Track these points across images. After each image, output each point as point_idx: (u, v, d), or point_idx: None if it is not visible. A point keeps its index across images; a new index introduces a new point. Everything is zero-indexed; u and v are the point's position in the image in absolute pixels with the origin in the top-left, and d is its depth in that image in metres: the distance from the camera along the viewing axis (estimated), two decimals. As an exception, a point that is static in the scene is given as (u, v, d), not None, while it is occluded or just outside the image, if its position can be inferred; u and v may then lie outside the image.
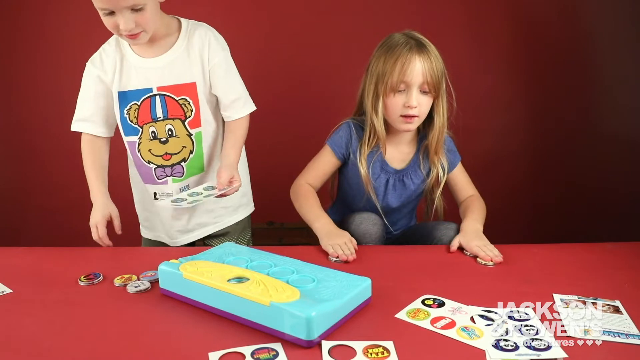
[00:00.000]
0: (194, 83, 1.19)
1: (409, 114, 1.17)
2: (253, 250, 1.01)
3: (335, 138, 1.29)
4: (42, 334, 0.78)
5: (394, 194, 1.29)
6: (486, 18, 1.96)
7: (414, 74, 1.14)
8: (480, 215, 1.22)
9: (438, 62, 1.17)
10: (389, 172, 1.28)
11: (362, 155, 1.25)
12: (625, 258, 1.07)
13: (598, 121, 2.02)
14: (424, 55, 1.15)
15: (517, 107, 2.06)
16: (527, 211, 2.09)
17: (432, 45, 1.19)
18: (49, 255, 1.13)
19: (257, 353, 0.71)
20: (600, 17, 1.95)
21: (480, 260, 1.05)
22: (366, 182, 1.25)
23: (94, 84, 1.21)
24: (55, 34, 1.98)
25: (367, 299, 0.85)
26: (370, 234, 1.18)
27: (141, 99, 1.19)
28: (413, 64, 1.14)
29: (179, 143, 1.23)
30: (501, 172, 2.06)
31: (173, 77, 1.19)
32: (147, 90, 1.19)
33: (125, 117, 1.21)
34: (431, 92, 1.17)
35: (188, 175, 1.27)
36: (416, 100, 1.16)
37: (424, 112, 1.20)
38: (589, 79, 1.99)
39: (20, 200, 2.13)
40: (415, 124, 1.20)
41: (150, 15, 1.09)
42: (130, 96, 1.20)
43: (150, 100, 1.19)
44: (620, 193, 1.98)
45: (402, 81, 1.15)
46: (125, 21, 1.05)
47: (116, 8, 1.04)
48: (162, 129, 1.22)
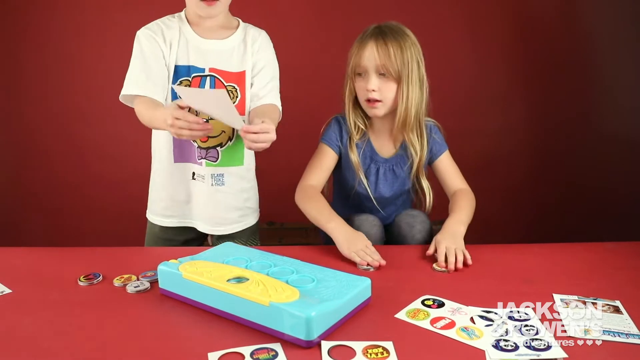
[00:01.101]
0: (244, 72, 1.25)
1: (370, 98, 1.22)
2: (252, 250, 1.01)
3: (327, 133, 1.33)
4: (42, 334, 0.78)
5: (385, 183, 1.32)
6: (486, 18, 1.97)
7: (369, 58, 1.20)
8: (466, 215, 1.22)
9: (399, 47, 1.20)
10: (379, 161, 1.32)
11: (352, 144, 1.29)
12: (625, 258, 1.07)
13: (598, 121, 2.02)
14: (381, 40, 1.21)
15: (517, 107, 2.06)
16: (527, 211, 2.09)
17: (401, 34, 1.22)
18: (49, 255, 1.13)
19: (257, 353, 0.71)
20: (600, 17, 1.96)
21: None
22: (357, 168, 1.29)
23: (149, 49, 1.20)
24: (60, 33, 1.98)
25: (366, 299, 0.85)
26: (370, 235, 1.18)
27: (192, 76, 1.22)
28: (369, 48, 1.21)
29: (219, 126, 1.23)
30: (501, 172, 2.07)
31: (226, 63, 1.23)
32: (200, 70, 1.22)
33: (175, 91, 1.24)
34: (390, 76, 1.21)
35: (223, 162, 1.26)
36: (374, 84, 1.21)
37: (388, 97, 1.23)
38: (588, 79, 1.99)
39: (20, 200, 2.14)
40: (380, 109, 1.24)
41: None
42: (183, 71, 1.22)
43: (201, 80, 1.22)
44: (620, 193, 1.98)
45: (359, 64, 1.22)
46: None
47: None
48: None
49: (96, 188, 2.08)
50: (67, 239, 2.05)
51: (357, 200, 1.34)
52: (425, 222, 1.24)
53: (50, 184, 2.09)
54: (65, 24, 1.97)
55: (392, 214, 1.37)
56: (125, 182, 2.02)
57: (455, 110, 1.86)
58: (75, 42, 1.98)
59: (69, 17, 1.96)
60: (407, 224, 1.24)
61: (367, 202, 1.32)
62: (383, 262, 1.03)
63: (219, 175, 1.27)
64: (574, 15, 1.97)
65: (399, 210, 1.38)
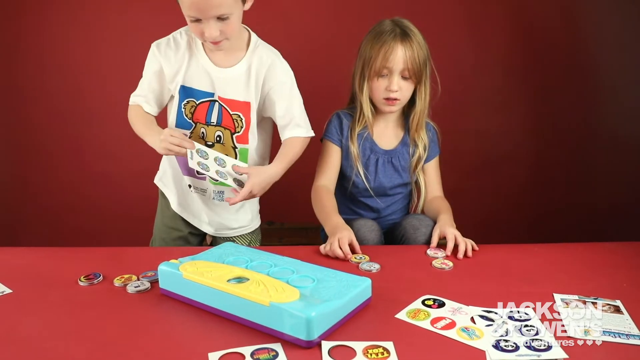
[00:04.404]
0: (249, 103, 1.22)
1: (390, 97, 1.26)
2: (253, 250, 1.01)
3: (329, 129, 1.37)
4: (42, 334, 0.78)
5: (384, 174, 1.35)
6: (486, 18, 1.96)
7: (396, 61, 1.23)
8: (451, 217, 1.27)
9: (421, 50, 1.25)
10: (378, 152, 1.35)
11: (353, 134, 1.33)
12: (625, 258, 1.07)
13: (599, 121, 2.02)
14: (407, 43, 1.23)
15: (518, 107, 2.05)
16: (527, 211, 2.09)
17: (417, 34, 1.26)
18: (49, 255, 1.13)
19: (257, 353, 0.71)
20: (601, 17, 1.95)
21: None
22: (355, 158, 1.32)
23: (152, 67, 1.22)
24: (58, 33, 1.97)
25: (367, 299, 0.84)
26: (368, 240, 1.20)
27: (200, 100, 1.22)
28: (395, 51, 1.23)
29: (223, 151, 1.24)
30: (501, 173, 2.06)
31: (232, 91, 1.21)
32: (210, 95, 1.22)
33: (182, 111, 1.23)
34: (412, 78, 1.26)
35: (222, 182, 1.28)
36: (397, 85, 1.25)
37: (406, 96, 1.29)
38: (589, 79, 1.98)
39: (20, 200, 2.13)
40: (397, 107, 1.30)
41: (235, 25, 1.11)
42: (191, 93, 1.22)
43: (209, 105, 1.22)
44: (621, 193, 1.98)
45: (385, 67, 1.24)
46: (211, 30, 1.07)
47: (204, 17, 1.06)
48: (211, 133, 1.24)
49: (96, 188, 2.08)
50: (67, 239, 2.05)
51: (355, 192, 1.37)
52: (431, 226, 1.24)
53: (50, 184, 2.09)
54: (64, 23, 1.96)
55: (390, 206, 1.39)
56: (126, 182, 2.02)
57: (455, 110, 1.86)
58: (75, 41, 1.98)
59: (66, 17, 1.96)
60: (413, 226, 1.25)
61: (364, 192, 1.36)
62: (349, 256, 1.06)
63: (219, 192, 1.31)
64: (575, 15, 1.97)
65: (397, 205, 1.40)
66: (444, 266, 1.02)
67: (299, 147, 1.25)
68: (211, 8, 1.04)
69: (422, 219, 1.26)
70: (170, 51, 1.20)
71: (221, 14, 1.06)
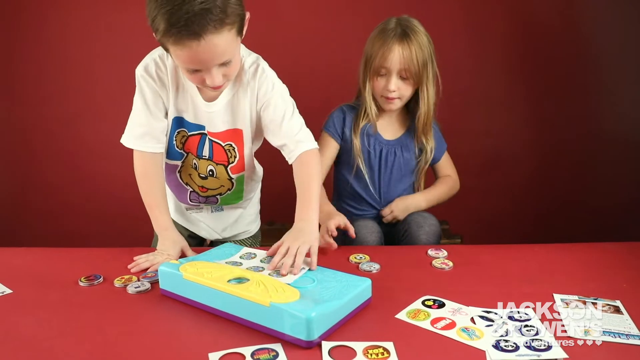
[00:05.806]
0: (241, 130, 1.15)
1: (388, 96, 1.28)
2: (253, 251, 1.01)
3: (329, 122, 1.38)
4: (42, 334, 0.78)
5: (386, 164, 1.36)
6: (486, 19, 1.96)
7: (393, 62, 1.24)
8: (434, 195, 1.36)
9: (420, 51, 1.24)
10: (382, 142, 1.36)
11: (356, 127, 1.34)
12: (625, 258, 1.07)
13: (600, 121, 2.01)
14: (405, 44, 1.23)
15: (519, 108, 2.06)
16: (529, 211, 2.09)
17: (420, 35, 1.25)
18: (49, 256, 1.13)
19: (257, 354, 0.71)
20: (601, 17, 1.95)
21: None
22: (357, 152, 1.33)
23: (147, 93, 1.09)
24: (56, 35, 1.98)
25: (367, 299, 0.85)
26: (367, 242, 1.20)
27: (192, 132, 1.15)
28: (392, 51, 1.23)
29: (218, 183, 1.22)
30: (503, 173, 2.07)
31: (222, 124, 1.14)
32: (201, 128, 1.14)
33: (174, 142, 1.16)
34: (410, 79, 1.26)
35: (222, 203, 1.29)
36: (394, 85, 1.26)
37: (405, 95, 1.29)
38: (589, 79, 1.98)
39: (20, 201, 2.13)
40: (396, 105, 1.31)
41: (237, 64, 1.02)
42: (182, 124, 1.14)
43: (200, 138, 1.15)
44: (621, 193, 1.98)
45: (383, 66, 1.25)
46: (214, 78, 0.96)
47: (205, 68, 0.95)
48: (204, 166, 1.19)
49: (95, 189, 2.08)
50: (66, 240, 2.05)
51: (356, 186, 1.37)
52: (434, 225, 1.25)
53: (50, 184, 2.09)
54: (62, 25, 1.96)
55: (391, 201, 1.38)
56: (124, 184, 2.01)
57: (457, 111, 1.86)
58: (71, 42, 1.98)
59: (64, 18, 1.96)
60: (417, 223, 1.26)
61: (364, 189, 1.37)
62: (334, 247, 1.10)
63: (217, 207, 1.31)
64: (575, 15, 1.97)
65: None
66: (444, 266, 1.02)
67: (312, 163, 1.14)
68: (215, 58, 0.94)
69: (426, 217, 1.27)
70: (162, 73, 1.08)
71: (225, 61, 0.96)
